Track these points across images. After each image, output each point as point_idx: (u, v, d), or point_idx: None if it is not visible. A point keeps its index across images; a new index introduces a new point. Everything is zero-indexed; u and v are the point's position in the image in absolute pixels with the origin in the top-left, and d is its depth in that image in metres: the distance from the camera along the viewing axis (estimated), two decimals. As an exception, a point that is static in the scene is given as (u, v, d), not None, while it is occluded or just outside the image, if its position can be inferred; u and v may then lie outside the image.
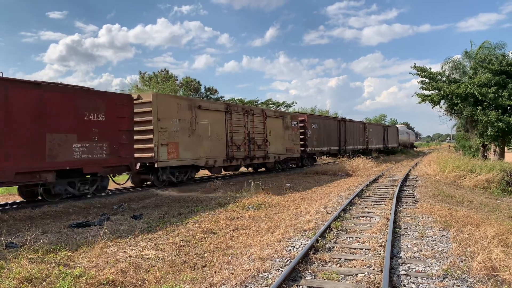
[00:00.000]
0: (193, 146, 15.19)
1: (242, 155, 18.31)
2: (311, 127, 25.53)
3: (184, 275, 5.32)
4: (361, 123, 36.39)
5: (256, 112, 19.90)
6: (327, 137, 27.96)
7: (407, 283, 5.11)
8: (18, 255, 5.70)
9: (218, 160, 16.66)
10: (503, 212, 11.53)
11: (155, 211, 10.21)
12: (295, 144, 23.11)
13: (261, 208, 10.61)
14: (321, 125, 27.17)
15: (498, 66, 24.73)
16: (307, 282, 5.15)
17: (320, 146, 26.90)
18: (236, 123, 17.89)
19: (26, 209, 10.12)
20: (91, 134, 11.26)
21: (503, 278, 5.18)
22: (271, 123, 20.86)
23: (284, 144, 22.03)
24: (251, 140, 18.90)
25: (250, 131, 18.91)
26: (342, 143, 30.76)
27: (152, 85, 41.20)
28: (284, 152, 22.08)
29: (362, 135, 35.70)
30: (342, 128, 30.95)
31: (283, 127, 22.05)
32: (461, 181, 18.23)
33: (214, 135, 16.42)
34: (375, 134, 39.48)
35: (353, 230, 8.04)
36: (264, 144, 20.06)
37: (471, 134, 32.13)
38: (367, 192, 13.68)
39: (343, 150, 30.77)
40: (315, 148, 26.08)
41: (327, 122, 28.84)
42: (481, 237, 6.85)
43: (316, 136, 26.13)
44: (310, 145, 25.23)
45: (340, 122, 31.24)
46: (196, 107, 15.53)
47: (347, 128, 32.05)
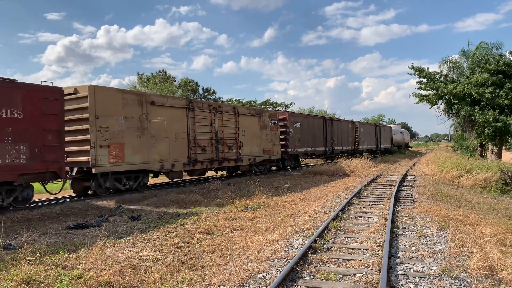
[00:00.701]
0: (144, 148, 13.21)
1: (208, 158, 16.27)
2: (293, 126, 23.92)
3: (183, 276, 5.32)
4: (350, 122, 34.65)
5: (226, 109, 17.97)
6: (311, 137, 26.29)
7: (405, 283, 5.13)
8: (16, 257, 5.69)
9: (177, 164, 14.70)
10: (501, 211, 11.56)
11: (154, 212, 10.19)
12: (274, 145, 21.38)
13: (260, 208, 10.62)
14: (304, 124, 25.46)
15: (495, 66, 24.81)
16: (305, 282, 5.16)
17: (304, 146, 25.18)
18: (200, 121, 15.93)
19: (24, 210, 10.09)
20: (2, 134, 9.37)
21: (500, 277, 5.20)
22: (245, 121, 18.87)
23: (261, 145, 20.12)
24: (220, 141, 16.96)
25: (219, 131, 16.95)
26: (328, 143, 28.95)
27: (150, 86, 41.20)
28: (261, 153, 20.14)
29: (352, 135, 33.96)
30: (328, 128, 29.09)
31: (259, 126, 20.10)
32: (459, 181, 18.27)
33: (172, 135, 14.46)
34: (366, 134, 37.56)
35: (351, 230, 8.05)
36: (236, 145, 18.05)
37: (468, 134, 32.22)
38: (365, 192, 13.70)
39: (329, 151, 29.08)
40: (298, 148, 24.44)
41: (311, 121, 26.94)
42: (479, 237, 6.87)
43: (299, 135, 24.50)
44: (292, 146, 23.71)
45: (326, 121, 29.31)
46: (148, 102, 13.48)
47: (335, 127, 30.27)
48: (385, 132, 45.28)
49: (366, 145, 37.36)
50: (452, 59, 29.69)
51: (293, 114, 25.91)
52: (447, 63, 29.58)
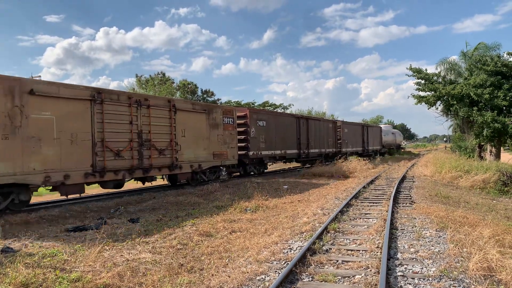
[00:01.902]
0: (15, 154, 9.49)
1: (125, 166, 12.23)
2: (256, 125, 20.25)
3: (181, 279, 5.31)
4: (331, 122, 31.20)
5: (156, 102, 13.81)
6: (281, 138, 22.62)
7: (404, 284, 5.13)
8: (15, 260, 5.68)
9: (74, 174, 10.82)
10: (499, 212, 11.58)
11: (152, 214, 10.18)
12: (229, 148, 17.44)
13: (259, 210, 10.61)
14: (271, 122, 21.80)
15: (493, 67, 24.88)
16: (304, 284, 5.15)
17: (271, 149, 21.49)
18: (113, 117, 11.92)
19: (23, 213, 10.07)
20: None
21: (499, 278, 5.20)
22: (187, 119, 15.02)
23: (210, 148, 16.26)
24: (145, 143, 12.96)
25: (144, 130, 12.91)
26: (303, 145, 25.18)
27: (149, 87, 41.21)
28: (210, 158, 16.27)
29: (333, 136, 30.13)
30: (303, 127, 25.35)
31: (208, 124, 16.21)
32: (458, 182, 18.28)
33: (66, 136, 10.70)
34: (351, 135, 33.76)
35: (350, 231, 8.05)
36: (170, 149, 14.07)
37: (467, 135, 32.28)
38: (364, 193, 13.70)
39: (304, 154, 25.42)
40: (263, 151, 20.69)
41: (281, 119, 23.36)
42: (478, 238, 6.88)
43: (264, 136, 20.77)
44: (254, 148, 19.92)
45: (300, 119, 25.46)
46: (25, 92, 9.77)
47: (311, 127, 26.48)
48: (374, 132, 41.41)
49: (351, 147, 33.60)
50: (449, 61, 29.76)
51: (255, 111, 22.26)
52: (444, 65, 29.66)
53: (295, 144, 24.35)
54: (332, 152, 29.71)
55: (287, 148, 23.36)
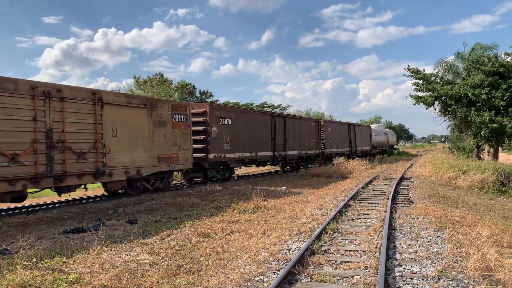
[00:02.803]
0: None
1: (26, 173, 9.87)
2: (218, 124, 17.56)
3: (180, 280, 5.31)
4: (313, 120, 28.62)
5: (73, 95, 11.12)
6: (251, 138, 19.86)
7: (402, 285, 5.13)
8: (12, 262, 5.65)
9: None
10: (498, 212, 11.60)
11: (151, 215, 10.17)
12: (180, 150, 14.84)
13: (257, 211, 10.61)
14: (239, 121, 19.02)
15: (491, 67, 24.95)
16: (303, 285, 5.15)
17: (238, 151, 18.84)
18: (7, 113, 9.52)
19: (20, 215, 10.04)
20: None
21: (497, 278, 5.21)
22: (120, 115, 12.35)
23: (154, 150, 13.64)
24: (57, 145, 10.53)
25: (55, 129, 10.51)
26: (279, 147, 22.50)
27: (147, 89, 41.18)
28: (154, 162, 13.65)
29: (315, 137, 27.42)
30: (279, 127, 22.68)
31: (151, 122, 13.56)
32: (456, 182, 18.32)
33: None
34: (336, 135, 30.91)
35: (348, 232, 8.05)
36: (95, 152, 11.53)
37: (465, 135, 32.34)
38: (362, 194, 13.72)
39: (280, 156, 22.79)
40: (227, 154, 18.03)
41: (251, 117, 20.42)
42: (476, 238, 6.89)
43: (229, 136, 18.11)
44: (216, 150, 17.26)
45: (276, 118, 22.63)
46: None
47: (289, 126, 23.77)
48: (363, 132, 38.50)
49: (336, 148, 30.75)
50: (447, 61, 29.84)
51: (218, 107, 19.42)
52: (442, 65, 29.72)
53: (269, 145, 21.56)
54: (314, 153, 27.18)
55: (259, 150, 20.56)
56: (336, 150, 30.81)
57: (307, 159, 26.59)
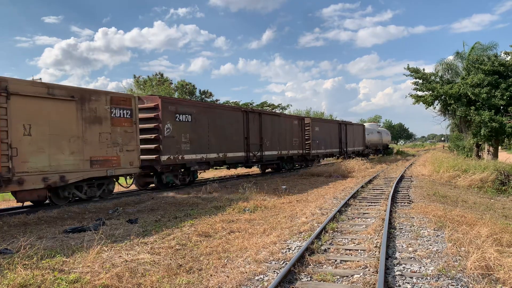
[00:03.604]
0: None
1: None
2: (175, 120, 15.04)
3: (180, 279, 5.32)
4: (296, 118, 25.75)
5: None
6: (218, 137, 17.35)
7: (402, 284, 5.14)
8: (13, 262, 5.66)
9: None
10: (497, 211, 11.62)
11: (151, 215, 10.18)
12: (123, 151, 12.49)
13: (257, 210, 10.62)
14: (202, 117, 16.42)
15: (491, 66, 24.97)
16: (302, 284, 5.16)
17: (201, 151, 16.29)
18: None
19: (21, 214, 10.05)
20: None
21: (497, 277, 5.22)
22: (36, 109, 10.27)
23: (86, 152, 11.47)
24: None
25: None
26: (253, 146, 19.88)
27: (147, 88, 41.17)
28: (84, 166, 11.44)
29: (299, 136, 25.17)
30: (253, 124, 20.00)
31: (81, 118, 11.40)
32: (456, 181, 18.34)
33: None
34: (324, 134, 28.49)
35: (348, 231, 8.06)
36: None
37: (465, 134, 32.36)
38: (362, 193, 13.73)
39: (255, 157, 20.10)
40: (186, 155, 15.52)
41: (218, 113, 17.58)
42: (476, 237, 6.90)
43: (188, 135, 15.61)
44: (171, 151, 14.77)
45: (249, 114, 19.78)
46: None
47: (266, 124, 21.23)
48: (355, 131, 36.02)
49: (324, 149, 28.25)
50: (447, 61, 29.87)
51: (173, 101, 15.79)
52: (442, 65, 29.75)
53: (241, 145, 18.98)
54: (297, 154, 24.89)
55: (229, 151, 18.09)
56: (323, 151, 28.35)
57: (289, 160, 24.45)
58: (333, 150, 30.27)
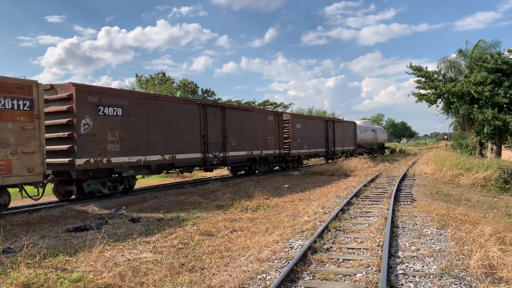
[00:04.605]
0: None
1: None
2: (96, 114, 11.78)
3: (183, 278, 5.32)
4: (271, 113, 22.44)
5: None
6: (163, 135, 14.09)
7: (405, 282, 5.13)
8: (16, 260, 5.68)
9: None
10: (501, 210, 11.57)
11: (153, 214, 10.19)
12: (17, 154, 9.57)
13: (259, 209, 10.61)
14: (137, 111, 13.14)
15: (494, 64, 24.86)
16: (305, 283, 5.15)
17: (137, 153, 13.02)
18: None
19: (24, 214, 10.08)
20: None
21: (500, 275, 5.20)
22: None
23: None
24: None
25: None
26: (213, 146, 16.55)
27: (149, 87, 41.22)
28: None
29: (275, 134, 21.77)
30: (213, 120, 16.63)
31: None
32: (459, 180, 18.29)
33: None
34: (307, 132, 25.20)
35: (351, 230, 8.05)
36: None
37: (468, 132, 32.24)
38: (365, 191, 13.70)
39: (217, 158, 16.75)
40: (115, 157, 12.25)
41: (161, 106, 14.21)
42: (479, 235, 6.88)
43: (118, 133, 12.35)
44: (92, 152, 11.63)
45: (206, 108, 16.38)
46: None
47: (229, 120, 17.75)
48: (344, 129, 32.37)
49: (307, 148, 25.16)
50: (450, 59, 29.76)
51: (94, 91, 12.16)
52: (444, 63, 29.64)
53: (197, 144, 15.79)
54: (274, 154, 21.76)
55: (180, 151, 14.83)
56: (306, 151, 25.13)
57: (263, 160, 21.11)
58: (318, 149, 27.00)
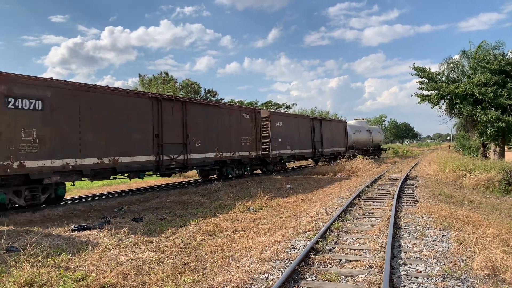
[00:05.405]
0: None
1: None
2: (5, 108, 9.83)
3: (185, 278, 5.33)
4: (247, 110, 19.90)
5: None
6: (99, 134, 11.86)
7: (407, 284, 5.11)
8: (19, 259, 5.71)
9: None
10: (504, 211, 11.53)
11: (156, 213, 10.21)
12: None
13: (262, 209, 10.61)
14: (65, 104, 11.07)
15: (497, 65, 24.77)
16: (307, 283, 5.15)
17: (64, 155, 10.89)
18: None
19: (27, 213, 10.11)
20: None
21: (503, 277, 5.18)
22: None
23: None
24: None
25: None
26: (170, 147, 14.35)
27: (152, 87, 41.28)
28: None
29: (252, 133, 19.60)
30: (170, 117, 14.50)
31: None
32: (461, 181, 18.23)
33: None
34: (291, 131, 23.36)
35: (353, 231, 8.04)
36: None
37: (471, 133, 32.15)
38: (367, 192, 13.68)
39: (175, 161, 14.55)
40: (28, 161, 10.19)
41: (99, 99, 11.97)
42: (482, 237, 6.85)
43: (37, 131, 10.41)
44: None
45: (161, 102, 14.16)
46: None
47: (193, 117, 15.64)
48: (334, 129, 30.09)
49: (290, 149, 23.13)
50: (453, 60, 29.68)
51: (2, 78, 9.80)
52: (447, 64, 29.57)
53: (148, 145, 13.51)
54: (250, 156, 19.39)
55: (124, 153, 12.54)
56: (289, 152, 23.12)
57: (236, 163, 18.85)
58: (303, 150, 24.94)
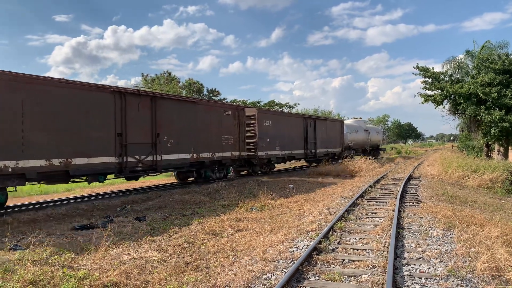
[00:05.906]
0: None
1: None
2: None
3: (188, 277, 5.33)
4: (229, 107, 18.27)
5: None
6: (48, 132, 10.17)
7: (411, 284, 5.10)
8: (23, 258, 5.72)
9: None
10: (507, 212, 11.48)
11: (159, 213, 10.22)
12: None
13: (264, 209, 10.61)
14: (4, 98, 9.26)
15: (501, 65, 24.67)
16: (310, 283, 5.14)
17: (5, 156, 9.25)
18: None
19: (31, 211, 10.16)
20: None
21: (507, 278, 5.16)
22: None
23: None
24: None
25: None
26: (135, 148, 12.56)
27: (155, 86, 41.36)
28: None
29: (235, 132, 18.04)
30: (137, 114, 12.68)
31: None
32: (465, 181, 18.16)
33: None
34: (280, 130, 21.49)
35: (356, 231, 8.02)
36: None
37: (474, 134, 32.03)
38: (370, 192, 13.65)
39: (142, 163, 12.76)
40: None
41: (47, 92, 10.20)
42: (485, 237, 6.82)
43: None
44: None
45: (126, 97, 12.34)
46: None
47: (166, 115, 13.92)
48: (329, 129, 28.36)
49: (279, 150, 21.40)
50: (457, 60, 29.57)
51: None
52: (451, 64, 29.47)
53: (109, 145, 11.80)
54: (232, 157, 17.83)
55: (79, 154, 10.89)
56: (278, 153, 21.28)
57: (216, 164, 17.22)
58: (294, 151, 23.27)
